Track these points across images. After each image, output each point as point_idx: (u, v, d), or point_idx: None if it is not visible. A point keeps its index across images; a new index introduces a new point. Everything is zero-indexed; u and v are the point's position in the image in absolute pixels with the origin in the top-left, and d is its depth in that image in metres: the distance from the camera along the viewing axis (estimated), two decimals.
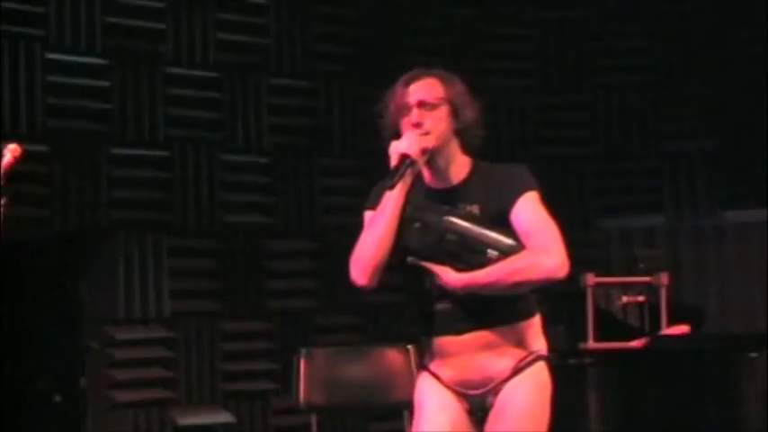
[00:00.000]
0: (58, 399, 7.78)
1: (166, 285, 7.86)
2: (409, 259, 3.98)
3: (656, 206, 9.35)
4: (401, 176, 3.93)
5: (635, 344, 6.70)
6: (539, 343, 4.08)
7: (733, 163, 9.17)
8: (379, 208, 3.98)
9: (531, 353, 4.03)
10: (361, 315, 8.49)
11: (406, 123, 3.99)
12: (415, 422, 4.09)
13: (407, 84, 4.03)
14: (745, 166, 9.10)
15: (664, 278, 6.94)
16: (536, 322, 4.09)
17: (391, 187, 3.94)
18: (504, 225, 3.93)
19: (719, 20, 9.20)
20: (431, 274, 3.93)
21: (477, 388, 4.01)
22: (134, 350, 7.74)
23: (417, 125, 3.96)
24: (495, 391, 4.00)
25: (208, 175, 8.08)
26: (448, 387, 4.05)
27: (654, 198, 9.36)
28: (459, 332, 3.97)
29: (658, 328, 6.89)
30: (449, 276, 3.90)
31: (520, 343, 4.01)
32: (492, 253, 3.87)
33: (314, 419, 6.56)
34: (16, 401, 7.62)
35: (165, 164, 7.94)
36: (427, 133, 3.96)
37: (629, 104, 9.41)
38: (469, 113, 4.04)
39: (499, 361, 3.98)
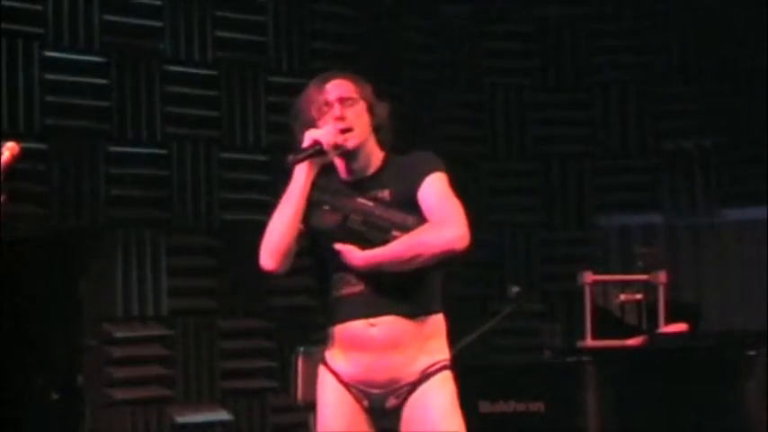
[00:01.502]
0: (55, 396, 7.78)
1: (164, 283, 7.86)
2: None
3: (654, 204, 9.35)
4: (306, 156, 4.01)
5: (633, 342, 6.71)
6: (444, 350, 4.07)
7: (731, 161, 9.18)
8: (286, 194, 4.06)
9: (438, 361, 4.02)
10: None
11: (326, 120, 4.04)
12: (317, 423, 4.12)
13: (323, 83, 4.10)
14: (743, 163, 9.10)
15: (662, 276, 6.94)
16: (442, 321, 4.08)
17: (292, 161, 4.03)
18: (413, 209, 3.98)
19: (719, 18, 9.19)
20: (337, 253, 3.96)
21: (379, 387, 4.01)
22: (132, 348, 7.74)
23: (341, 118, 4.03)
24: (399, 393, 4.00)
25: (206, 173, 8.08)
26: (347, 384, 4.05)
27: (652, 196, 9.37)
28: (368, 316, 3.97)
29: (656, 326, 6.89)
30: (352, 254, 3.94)
31: (427, 346, 4.01)
32: (396, 233, 3.93)
33: (311, 417, 6.56)
34: (14, 399, 7.62)
35: (164, 162, 7.94)
36: (350, 130, 4.03)
37: (628, 102, 9.42)
38: (382, 111, 4.14)
39: (407, 364, 3.98)
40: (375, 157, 4.11)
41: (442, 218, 3.95)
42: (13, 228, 4.43)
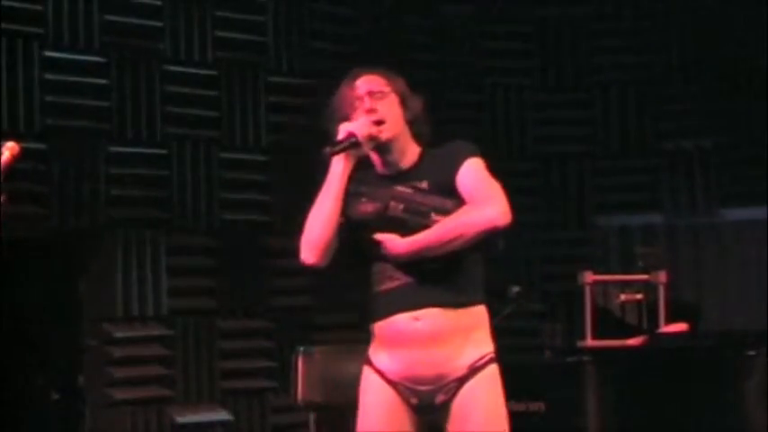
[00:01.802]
0: (56, 396, 7.78)
1: (164, 283, 7.86)
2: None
3: (654, 204, 9.35)
4: (342, 148, 4.00)
5: (633, 342, 6.71)
6: (489, 342, 4.06)
7: (731, 161, 9.17)
8: (324, 187, 4.04)
9: (485, 354, 4.01)
10: (358, 313, 8.47)
11: (358, 115, 4.04)
12: (358, 422, 4.06)
13: (353, 80, 4.11)
14: (743, 163, 9.10)
15: (662, 276, 6.94)
16: (485, 312, 4.08)
17: (329, 153, 4.01)
18: (452, 196, 3.97)
19: (719, 18, 9.19)
20: (378, 244, 3.94)
21: (427, 384, 3.97)
22: (132, 348, 7.74)
23: (371, 111, 4.03)
24: (448, 389, 3.96)
25: (206, 173, 8.08)
26: (393, 383, 4.00)
27: (652, 196, 9.36)
28: (411, 308, 3.93)
29: (656, 326, 6.90)
30: (394, 243, 3.93)
31: (472, 337, 3.99)
32: (436, 216, 3.92)
33: (312, 417, 6.57)
34: (15, 399, 7.62)
35: (163, 162, 7.94)
36: (382, 122, 4.02)
37: (628, 102, 9.42)
38: (416, 104, 4.14)
39: (453, 358, 3.95)
40: (411, 150, 4.09)
41: (481, 197, 3.93)
42: (13, 228, 4.42)
